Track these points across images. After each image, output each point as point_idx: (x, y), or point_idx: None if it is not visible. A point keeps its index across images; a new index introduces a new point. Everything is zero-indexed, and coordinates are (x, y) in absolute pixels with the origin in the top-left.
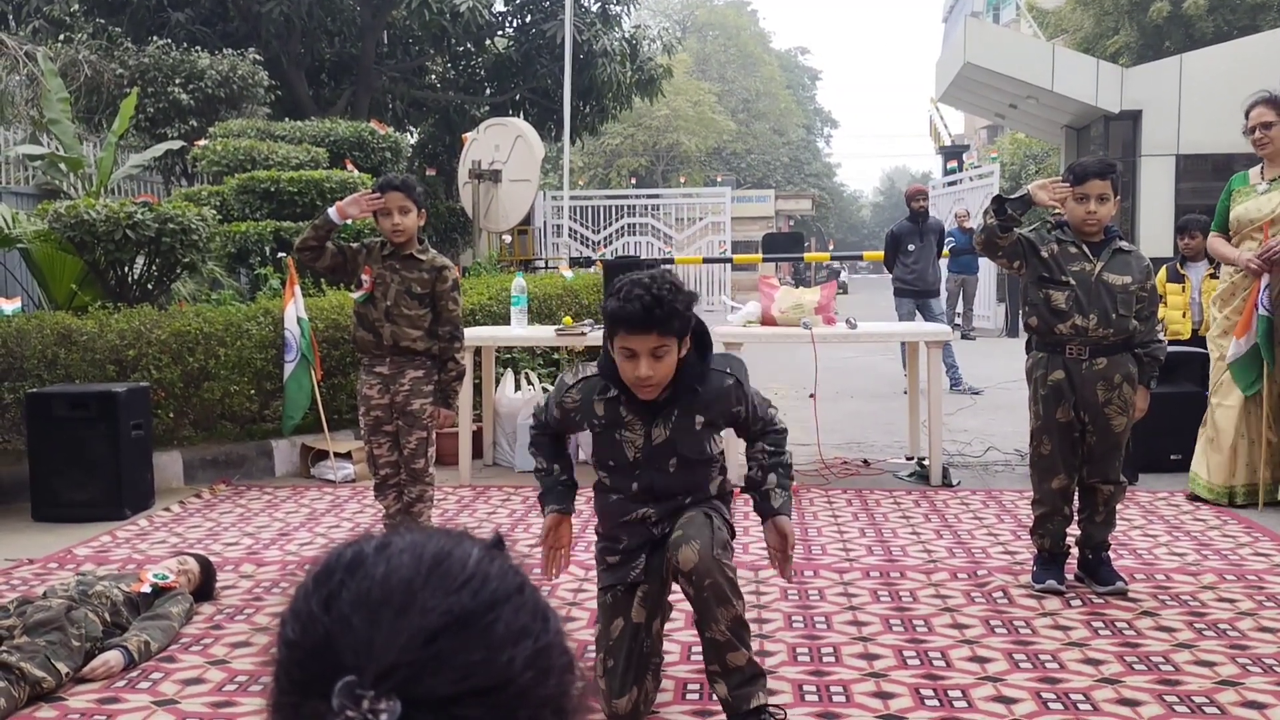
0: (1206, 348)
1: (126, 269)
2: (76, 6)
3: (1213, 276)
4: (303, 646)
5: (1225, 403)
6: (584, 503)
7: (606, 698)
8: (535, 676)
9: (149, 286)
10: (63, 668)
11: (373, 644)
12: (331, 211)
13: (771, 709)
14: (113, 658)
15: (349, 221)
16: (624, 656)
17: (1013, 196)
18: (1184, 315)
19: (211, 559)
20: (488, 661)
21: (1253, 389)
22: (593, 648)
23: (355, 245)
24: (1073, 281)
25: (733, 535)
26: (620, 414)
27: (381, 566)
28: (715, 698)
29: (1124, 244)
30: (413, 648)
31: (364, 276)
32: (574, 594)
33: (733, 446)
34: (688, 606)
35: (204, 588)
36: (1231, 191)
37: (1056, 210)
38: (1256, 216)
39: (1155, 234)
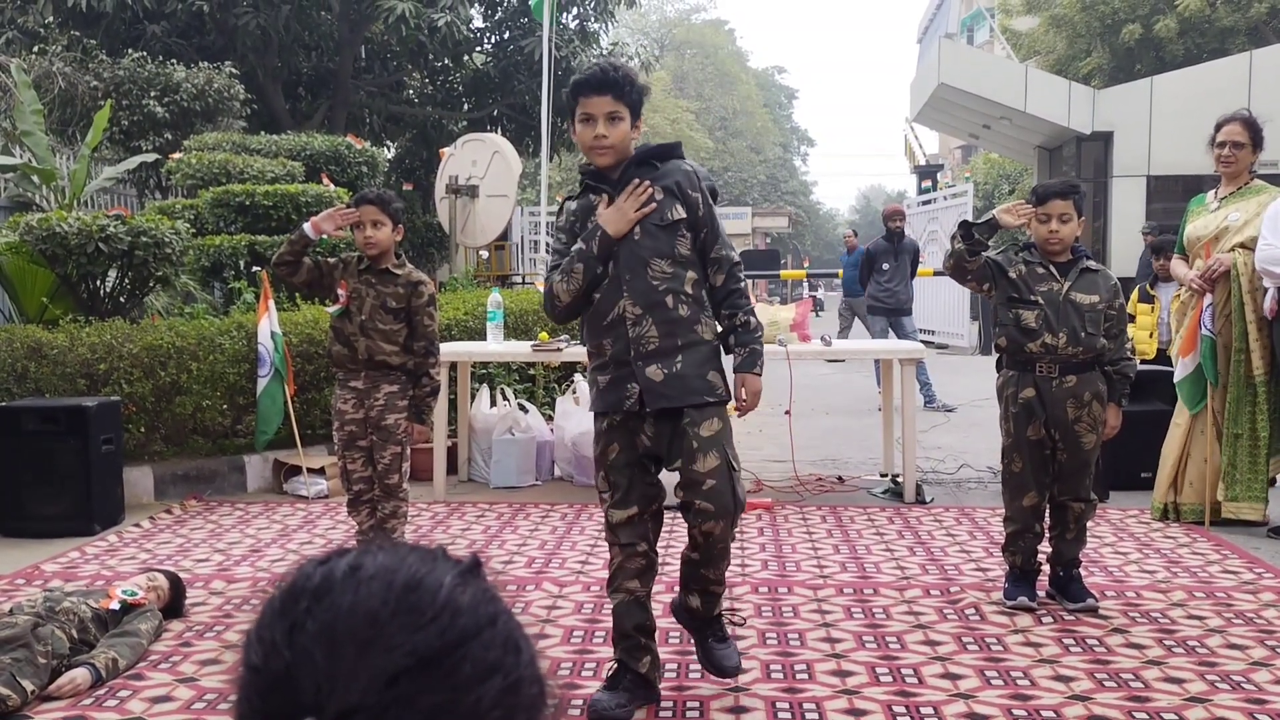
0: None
1: (99, 282)
2: (51, 19)
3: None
4: (265, 675)
5: (1176, 420)
6: (559, 519)
7: (606, 509)
8: (503, 715)
9: (121, 300)
10: (29, 685)
11: (334, 682)
12: (307, 227)
13: (727, 612)
14: (80, 675)
15: (324, 236)
16: (627, 481)
17: (979, 221)
18: (1151, 335)
19: (181, 575)
20: (453, 702)
21: (1197, 406)
22: (566, 665)
23: (332, 260)
24: (1041, 301)
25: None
26: (589, 200)
27: (349, 596)
28: (686, 605)
29: (1091, 263)
30: (375, 689)
31: (340, 291)
32: (548, 611)
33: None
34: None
35: (173, 604)
36: (1189, 212)
37: (1025, 232)
38: (1204, 234)
39: (1126, 254)
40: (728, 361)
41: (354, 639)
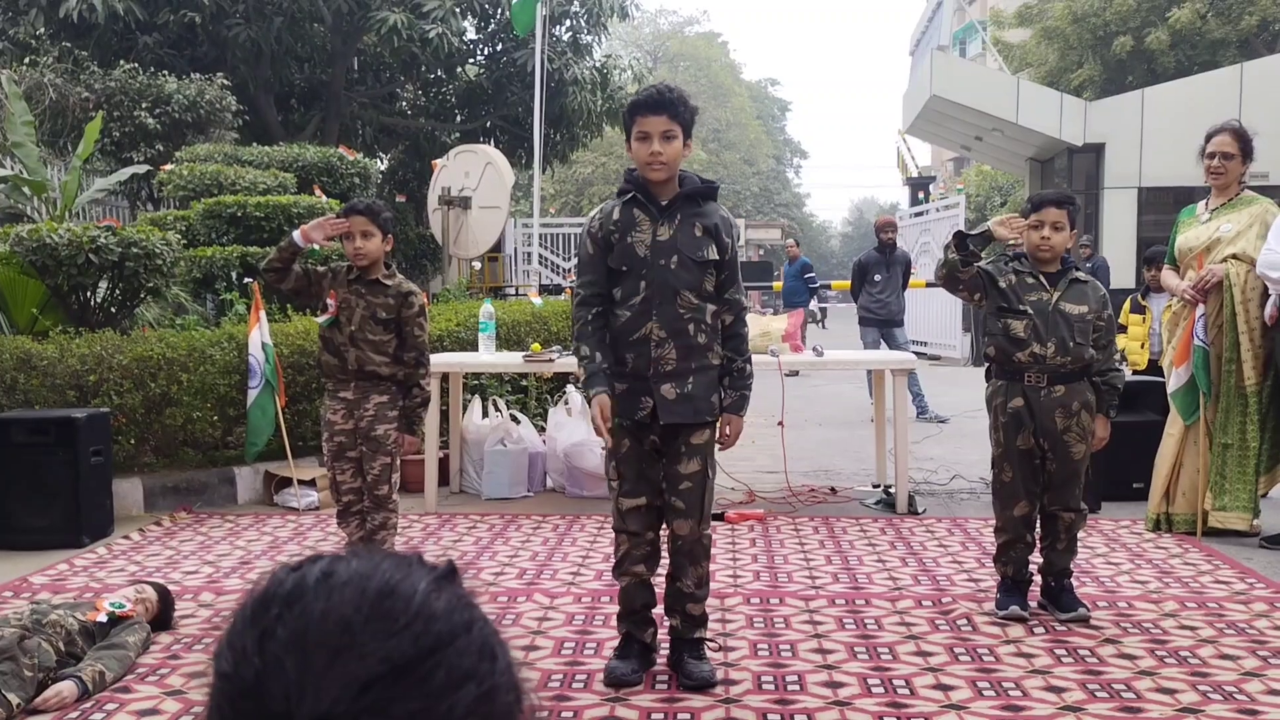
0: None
1: (89, 293)
2: (43, 30)
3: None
4: (235, 683)
5: (1170, 431)
6: (551, 531)
7: (616, 498)
8: None
9: (112, 311)
10: (14, 698)
11: (305, 690)
12: (295, 235)
13: (709, 641)
14: (66, 688)
15: (316, 246)
16: (635, 473)
17: (973, 232)
18: (1142, 346)
19: (170, 588)
20: (427, 710)
21: (1193, 418)
22: (556, 677)
23: (321, 269)
24: (1030, 310)
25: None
26: (633, 215)
27: (321, 602)
28: (666, 623)
29: (1080, 274)
30: (346, 697)
31: (329, 300)
32: (539, 622)
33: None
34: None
35: (162, 617)
36: (1179, 223)
37: (1017, 244)
38: (1195, 245)
39: (1118, 265)
40: None
41: (325, 646)
